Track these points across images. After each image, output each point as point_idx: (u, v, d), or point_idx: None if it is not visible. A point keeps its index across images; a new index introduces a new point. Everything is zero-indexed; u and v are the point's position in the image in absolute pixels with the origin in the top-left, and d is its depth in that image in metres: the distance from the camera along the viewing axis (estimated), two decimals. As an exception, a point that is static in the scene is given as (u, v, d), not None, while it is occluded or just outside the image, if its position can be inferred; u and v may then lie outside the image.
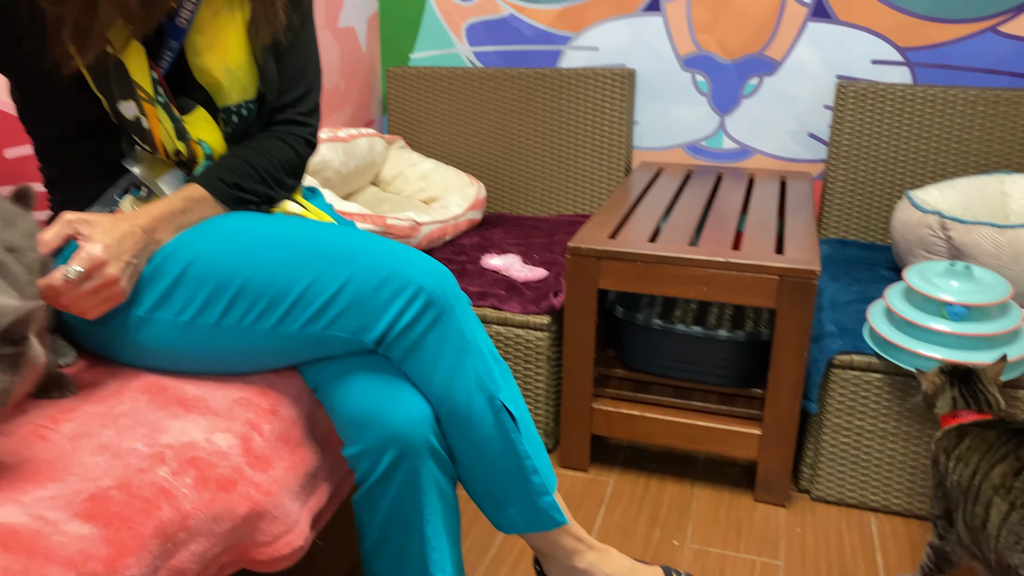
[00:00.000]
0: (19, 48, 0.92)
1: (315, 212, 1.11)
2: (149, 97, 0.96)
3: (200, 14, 0.99)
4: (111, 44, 0.91)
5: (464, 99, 2.32)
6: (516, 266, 1.80)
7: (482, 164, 2.35)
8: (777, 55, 2.09)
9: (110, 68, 0.93)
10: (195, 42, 1.00)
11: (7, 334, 0.69)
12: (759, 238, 1.61)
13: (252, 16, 1.01)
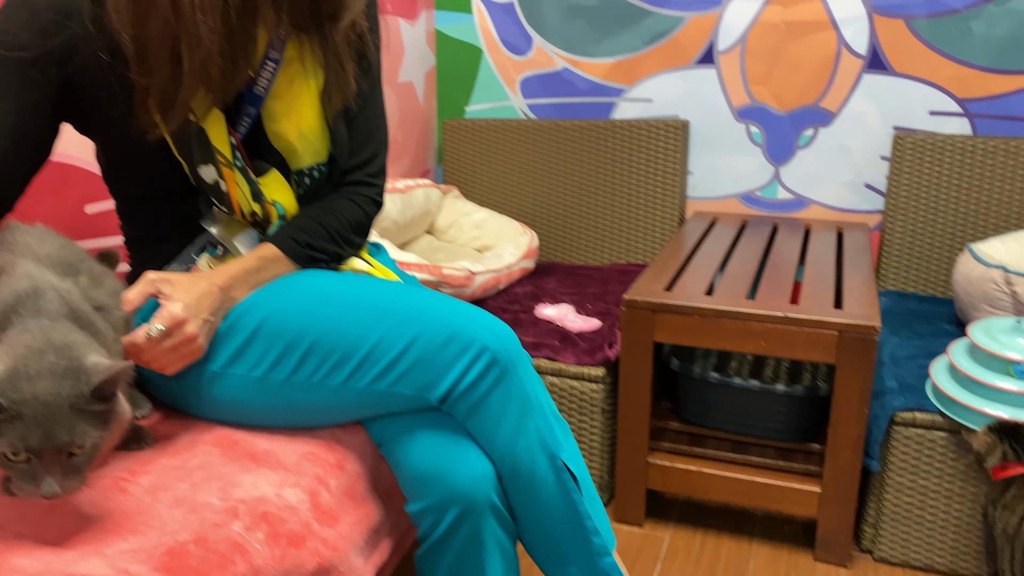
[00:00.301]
0: (109, 116, 0.98)
1: (381, 269, 1.14)
2: (227, 161, 1.00)
3: (276, 82, 1.03)
4: (193, 112, 0.96)
5: (518, 150, 2.36)
6: (570, 316, 1.81)
7: (535, 213, 2.38)
8: (832, 106, 2.09)
9: (192, 135, 0.98)
10: (271, 108, 1.04)
11: (98, 392, 0.73)
12: (817, 291, 1.60)
13: (325, 84, 1.06)
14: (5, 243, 0.86)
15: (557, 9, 2.28)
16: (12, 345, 0.73)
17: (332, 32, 1.03)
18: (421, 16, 2.37)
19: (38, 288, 0.78)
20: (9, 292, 0.78)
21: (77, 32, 0.92)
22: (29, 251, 0.85)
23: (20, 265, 0.81)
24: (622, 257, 2.30)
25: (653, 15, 2.19)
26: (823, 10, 2.04)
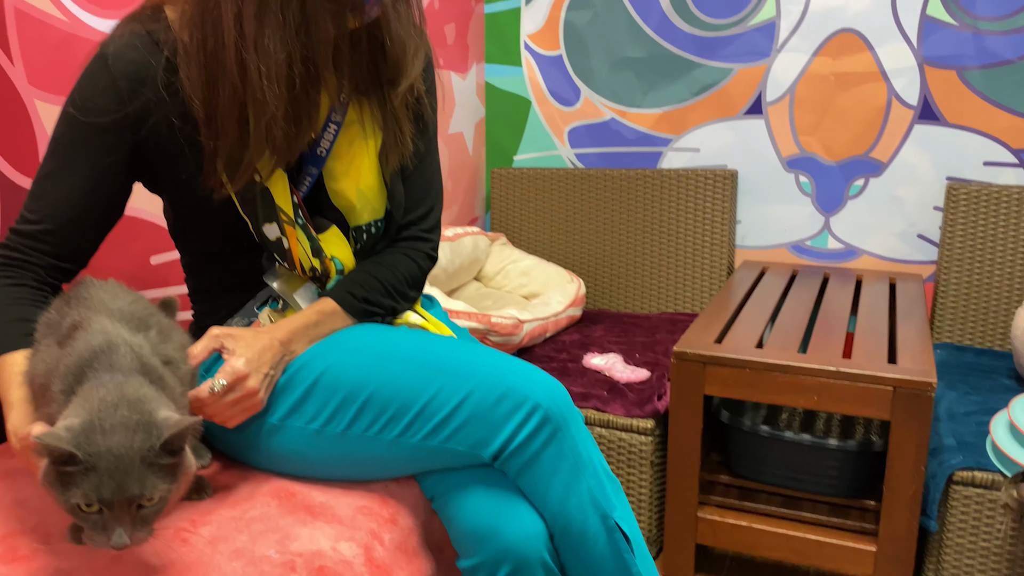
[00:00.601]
0: (178, 176, 1.02)
1: (435, 323, 1.16)
2: (290, 219, 1.04)
3: (337, 143, 1.07)
4: (258, 173, 1.00)
5: (565, 198, 2.39)
6: (618, 366, 1.81)
7: (582, 261, 2.39)
8: (883, 157, 2.08)
9: (257, 194, 1.02)
10: (332, 168, 1.08)
11: (167, 445, 0.75)
12: (870, 344, 1.58)
13: (383, 144, 1.09)
14: (81, 298, 0.90)
15: (605, 61, 2.32)
16: (88, 399, 0.76)
17: (391, 96, 1.06)
18: (472, 69, 2.43)
19: (112, 343, 0.82)
20: (85, 347, 0.81)
21: (151, 98, 0.97)
22: (103, 306, 0.88)
23: (95, 320, 0.84)
24: (670, 306, 2.30)
25: (701, 67, 2.21)
26: (873, 62, 2.04)
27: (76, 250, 1.01)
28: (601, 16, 2.30)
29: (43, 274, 0.98)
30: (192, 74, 0.95)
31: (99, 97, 0.96)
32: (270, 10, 0.90)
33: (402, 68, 1.05)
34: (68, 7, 1.23)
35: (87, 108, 0.96)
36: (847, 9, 2.04)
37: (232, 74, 0.92)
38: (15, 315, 0.94)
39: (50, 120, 1.21)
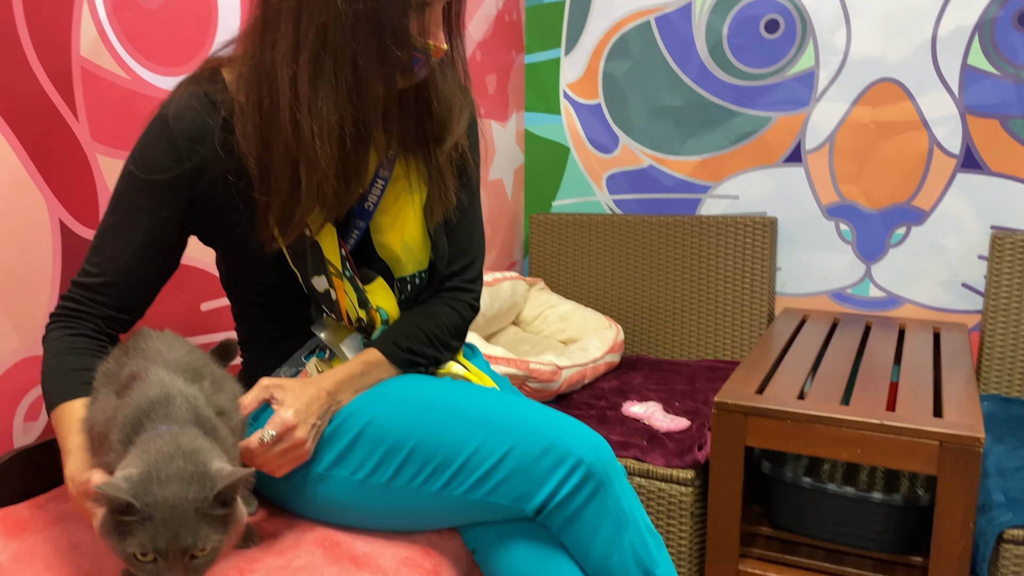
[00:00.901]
0: (232, 230, 1.06)
1: (477, 374, 1.17)
2: (338, 272, 1.07)
3: (384, 198, 1.10)
4: (309, 228, 1.03)
5: (603, 243, 2.40)
6: (658, 415, 1.80)
7: (620, 306, 2.40)
8: (925, 205, 2.07)
9: (306, 248, 1.05)
10: (378, 221, 1.11)
11: (220, 496, 0.77)
12: (915, 396, 1.56)
13: (428, 198, 1.12)
14: (138, 349, 0.94)
15: (643, 110, 2.35)
16: (145, 449, 0.79)
17: (436, 153, 1.09)
18: (512, 117, 2.47)
19: (169, 394, 0.84)
20: (143, 398, 0.84)
21: (207, 156, 1.01)
22: (160, 357, 0.91)
23: (152, 371, 0.87)
24: (709, 353, 2.29)
25: (740, 115, 2.23)
26: (913, 110, 2.04)
27: (134, 301, 1.04)
28: (640, 66, 2.33)
29: (102, 324, 1.02)
30: (248, 133, 0.99)
31: (158, 155, 1.00)
32: (324, 74, 0.94)
33: (448, 127, 1.08)
34: (130, 65, 1.28)
35: (147, 166, 1.00)
36: (886, 59, 2.05)
37: (286, 134, 0.96)
38: (75, 364, 0.97)
39: (111, 174, 1.26)
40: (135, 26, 1.28)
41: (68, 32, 1.18)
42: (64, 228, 1.20)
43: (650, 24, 2.30)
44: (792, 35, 2.14)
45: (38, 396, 1.18)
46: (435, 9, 0.97)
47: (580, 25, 2.39)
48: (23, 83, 1.12)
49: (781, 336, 1.98)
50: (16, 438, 1.16)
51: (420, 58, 0.99)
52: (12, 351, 1.14)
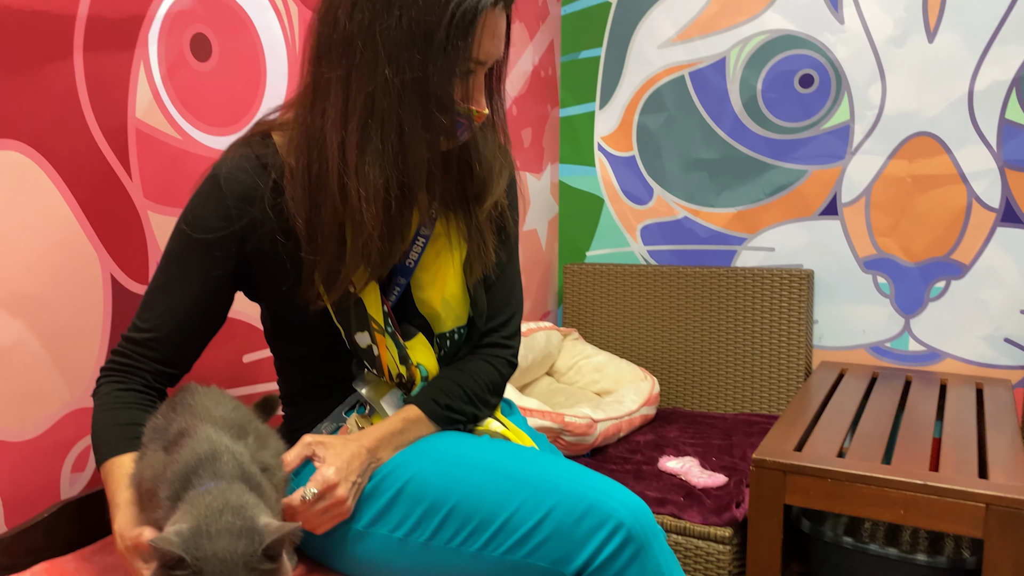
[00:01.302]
0: (278, 287, 1.08)
1: (515, 431, 1.17)
2: (380, 328, 1.08)
3: (425, 255, 1.12)
4: (353, 285, 1.05)
5: (638, 294, 2.41)
6: (694, 471, 1.78)
7: (655, 358, 2.39)
8: (965, 259, 2.05)
9: (351, 305, 1.07)
10: (419, 278, 1.13)
11: (268, 551, 0.78)
12: (959, 456, 1.52)
13: (468, 255, 1.14)
14: (186, 404, 0.96)
15: (678, 162, 2.37)
16: (194, 505, 0.80)
17: (476, 212, 1.12)
18: (547, 169, 2.50)
19: (216, 451, 0.86)
20: (191, 454, 0.86)
21: (257, 216, 1.04)
22: (207, 413, 0.93)
23: (200, 428, 0.89)
24: (746, 406, 2.27)
25: (775, 168, 2.24)
26: (951, 164, 2.03)
27: (182, 356, 1.07)
28: (674, 119, 2.35)
29: (150, 379, 1.04)
30: (297, 194, 1.02)
31: (210, 215, 1.03)
32: (371, 140, 0.97)
33: (488, 187, 1.10)
34: (182, 126, 1.33)
35: (198, 225, 1.03)
36: (922, 113, 2.05)
37: (334, 196, 0.99)
38: (124, 419, 0.99)
39: (161, 230, 1.30)
40: (188, 88, 1.33)
41: (125, 95, 1.23)
42: (115, 283, 1.23)
43: (684, 79, 2.33)
44: (827, 89, 2.15)
45: (86, 447, 1.21)
46: (478, 76, 1.00)
47: (615, 80, 2.43)
48: (81, 144, 1.17)
49: (819, 390, 1.96)
50: (63, 489, 1.18)
51: (463, 123, 1.02)
52: (63, 402, 1.17)
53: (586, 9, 2.45)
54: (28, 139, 1.09)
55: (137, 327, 1.05)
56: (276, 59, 1.50)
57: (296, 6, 1.53)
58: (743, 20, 2.23)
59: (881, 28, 2.07)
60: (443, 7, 0.94)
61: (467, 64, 0.98)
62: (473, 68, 0.99)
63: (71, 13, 1.13)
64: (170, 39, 1.29)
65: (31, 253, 1.11)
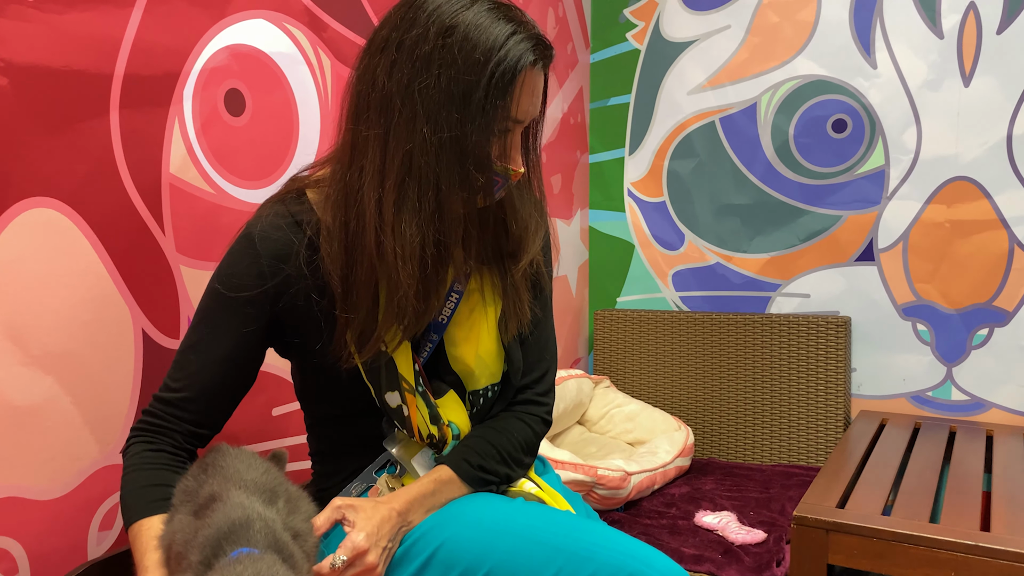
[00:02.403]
0: (311, 345, 1.07)
1: (550, 493, 1.14)
2: (411, 388, 1.06)
3: (458, 311, 1.10)
4: (385, 344, 1.04)
5: (670, 341, 2.37)
6: (732, 526, 1.73)
7: (689, 407, 2.34)
8: (1008, 305, 2.00)
9: (382, 364, 1.05)
10: (452, 335, 1.11)
11: None
12: (1011, 513, 1.46)
13: (503, 312, 1.12)
14: (217, 467, 0.94)
15: (709, 208, 2.34)
16: (224, 574, 0.78)
17: (512, 269, 1.10)
18: (576, 215, 2.49)
19: (249, 518, 0.84)
20: (224, 520, 0.83)
21: (291, 273, 1.03)
22: (238, 477, 0.91)
23: (233, 494, 0.87)
24: (784, 457, 2.21)
25: (809, 214, 2.21)
26: (991, 209, 1.99)
27: (213, 416, 1.05)
28: (705, 165, 2.34)
29: (181, 440, 1.03)
30: (333, 252, 1.01)
31: (243, 273, 1.02)
32: (408, 198, 0.96)
33: (524, 245, 1.09)
34: (215, 180, 1.34)
35: (231, 283, 1.02)
36: (960, 158, 2.01)
37: (371, 254, 0.98)
38: (154, 480, 0.98)
39: (193, 284, 1.30)
40: (221, 143, 1.34)
41: (160, 151, 1.24)
42: (146, 338, 1.23)
43: (715, 124, 2.31)
44: (860, 134, 2.12)
45: (113, 505, 1.19)
46: (515, 134, 0.99)
47: (644, 126, 2.42)
48: (116, 200, 1.17)
49: (860, 441, 1.90)
50: (91, 548, 1.17)
51: (499, 181, 1.00)
52: (92, 460, 1.16)
53: (615, 57, 2.46)
54: (63, 196, 1.10)
55: (168, 387, 1.04)
56: (309, 113, 1.51)
57: (329, 60, 1.54)
58: (774, 66, 2.22)
59: (915, 73, 2.05)
60: (482, 67, 0.93)
61: (505, 123, 0.97)
62: (511, 127, 0.98)
63: (108, 72, 1.15)
64: (204, 95, 1.30)
65: (64, 310, 1.11)
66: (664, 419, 2.23)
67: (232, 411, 1.08)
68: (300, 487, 1.01)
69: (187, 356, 1.04)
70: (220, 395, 1.04)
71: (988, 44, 1.97)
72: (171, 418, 1.02)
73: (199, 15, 1.29)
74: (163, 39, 1.23)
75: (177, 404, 1.03)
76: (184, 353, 1.04)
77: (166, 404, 1.03)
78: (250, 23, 1.38)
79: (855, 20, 2.11)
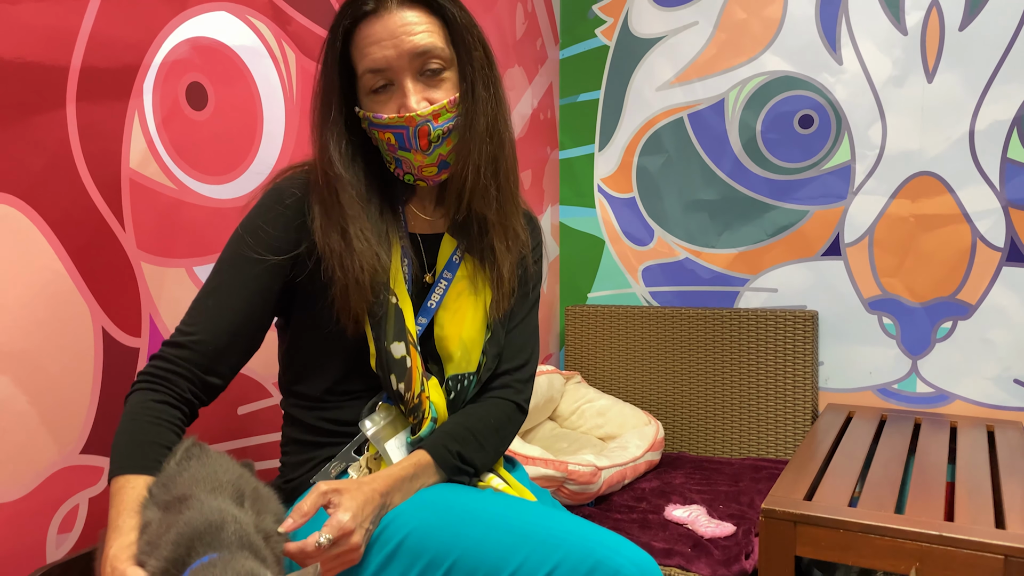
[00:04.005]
0: (318, 302, 1.08)
1: (518, 487, 1.14)
2: (414, 342, 1.07)
3: (446, 296, 1.13)
4: (394, 294, 1.07)
5: (640, 336, 2.37)
6: (701, 520, 1.73)
7: (659, 401, 2.35)
8: (971, 299, 2.02)
9: (391, 314, 1.07)
10: (440, 318, 1.15)
11: None
12: (974, 503, 1.48)
13: (493, 300, 1.14)
14: (195, 462, 0.92)
15: (678, 203, 2.35)
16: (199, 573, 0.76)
17: (495, 247, 1.14)
18: (547, 211, 2.49)
19: (224, 520, 0.82)
20: (200, 519, 0.82)
21: (308, 231, 1.07)
22: (214, 478, 0.90)
23: (208, 496, 0.85)
24: (752, 450, 2.22)
25: (776, 209, 2.22)
26: (954, 204, 2.02)
27: (224, 365, 1.05)
28: (674, 161, 2.35)
29: (187, 388, 1.02)
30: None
31: (268, 224, 1.06)
32: None
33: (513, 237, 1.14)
34: (177, 175, 1.31)
35: (257, 234, 1.06)
36: (924, 153, 2.04)
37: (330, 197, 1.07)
38: (151, 436, 0.96)
39: (155, 281, 1.27)
40: (183, 137, 1.32)
41: (119, 144, 1.21)
42: (107, 336, 1.21)
43: (683, 120, 2.32)
44: (827, 130, 2.14)
45: (73, 507, 1.17)
46: (388, 85, 1.08)
47: (613, 122, 2.43)
48: (73, 196, 1.15)
49: (827, 434, 1.92)
50: (49, 551, 1.14)
51: (400, 132, 1.07)
52: (50, 461, 1.13)
53: (584, 53, 2.46)
54: (18, 192, 1.07)
55: (181, 331, 1.04)
56: (273, 107, 1.49)
57: (294, 53, 1.52)
58: (741, 62, 2.23)
59: (880, 69, 2.07)
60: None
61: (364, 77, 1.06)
62: (369, 79, 1.06)
63: (64, 64, 1.12)
64: (165, 88, 1.28)
65: (20, 308, 1.09)
66: (635, 414, 2.23)
67: (240, 366, 1.08)
68: (268, 484, 1.00)
69: (204, 301, 1.05)
70: (233, 342, 1.05)
71: (951, 40, 1.99)
72: (181, 361, 1.02)
73: (159, 6, 1.26)
74: (122, 31, 1.20)
75: (189, 347, 1.02)
76: (201, 298, 1.05)
77: (177, 347, 1.02)
78: (212, 15, 1.36)
79: (821, 16, 2.13)
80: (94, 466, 1.19)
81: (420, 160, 1.08)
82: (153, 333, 1.28)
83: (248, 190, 1.43)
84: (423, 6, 1.06)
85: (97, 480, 1.20)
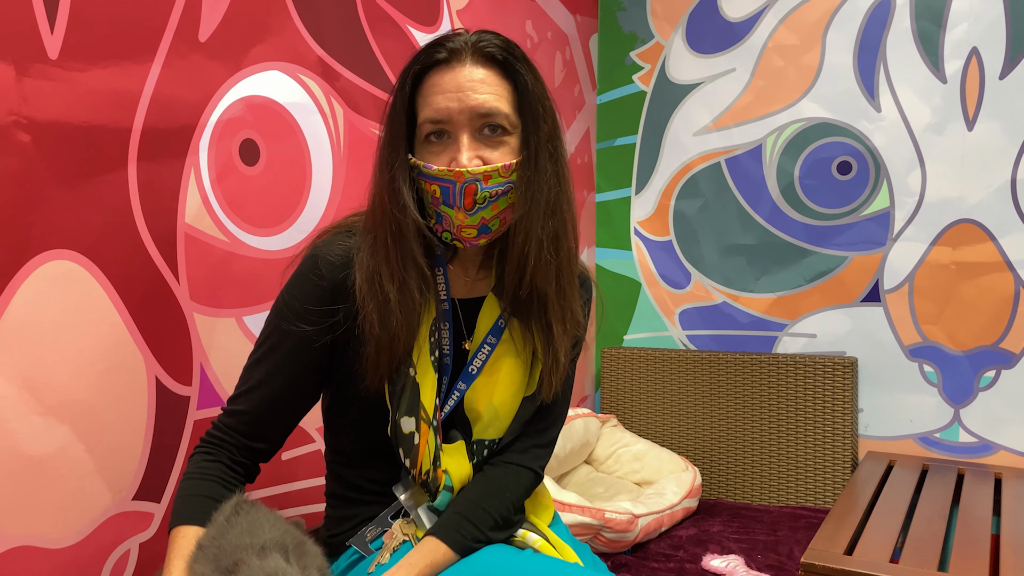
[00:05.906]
0: (351, 366, 1.08)
1: (558, 543, 1.13)
2: (427, 419, 1.07)
3: (489, 361, 1.12)
4: (413, 367, 1.06)
5: (677, 379, 2.37)
6: (740, 571, 1.72)
7: (696, 446, 2.34)
8: (1015, 347, 2.00)
9: (407, 386, 1.07)
10: (475, 381, 1.13)
11: None
12: (1019, 560, 1.45)
13: (541, 370, 1.13)
14: (244, 517, 0.95)
15: (715, 247, 2.36)
16: None
17: (553, 327, 1.12)
18: (583, 253, 2.51)
19: None
20: None
21: (348, 296, 1.06)
22: (260, 535, 0.92)
23: (256, 562, 0.88)
24: (791, 498, 2.20)
25: (814, 254, 2.22)
26: (996, 252, 2.00)
27: (270, 432, 1.08)
28: (711, 205, 2.36)
29: (237, 453, 1.06)
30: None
31: (307, 294, 1.06)
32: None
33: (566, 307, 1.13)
34: (229, 228, 1.36)
35: (295, 304, 1.06)
36: (965, 200, 2.03)
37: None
38: (204, 491, 1.01)
39: (207, 332, 1.31)
40: (236, 192, 1.36)
41: (176, 201, 1.26)
42: (160, 386, 1.25)
43: (720, 165, 2.34)
44: (865, 176, 2.14)
45: (124, 552, 1.20)
46: (441, 135, 1.07)
47: (650, 166, 2.45)
48: (132, 251, 1.19)
49: (868, 484, 1.90)
50: (101, 596, 1.17)
51: (447, 186, 1.06)
52: (103, 508, 1.17)
53: (621, 98, 2.49)
54: (81, 248, 1.12)
55: (231, 399, 1.08)
56: (321, 160, 1.53)
57: (341, 108, 1.57)
58: (778, 108, 2.24)
59: (919, 116, 2.07)
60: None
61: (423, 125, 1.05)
62: (426, 128, 1.05)
63: (127, 126, 1.18)
64: (220, 145, 1.33)
65: (80, 359, 1.13)
66: (671, 459, 2.23)
67: (291, 429, 1.10)
68: (314, 531, 1.02)
69: (249, 371, 1.08)
70: (274, 411, 1.07)
71: (991, 89, 1.99)
72: (229, 430, 1.06)
73: (216, 68, 1.32)
74: (180, 92, 1.26)
75: (235, 415, 1.07)
76: (249, 367, 1.08)
77: (227, 416, 1.07)
78: (265, 75, 1.41)
79: (859, 64, 2.14)
80: (145, 512, 1.23)
81: (461, 219, 1.05)
82: (203, 382, 1.32)
83: (296, 241, 1.47)
84: (497, 67, 1.05)
85: (148, 526, 1.23)
